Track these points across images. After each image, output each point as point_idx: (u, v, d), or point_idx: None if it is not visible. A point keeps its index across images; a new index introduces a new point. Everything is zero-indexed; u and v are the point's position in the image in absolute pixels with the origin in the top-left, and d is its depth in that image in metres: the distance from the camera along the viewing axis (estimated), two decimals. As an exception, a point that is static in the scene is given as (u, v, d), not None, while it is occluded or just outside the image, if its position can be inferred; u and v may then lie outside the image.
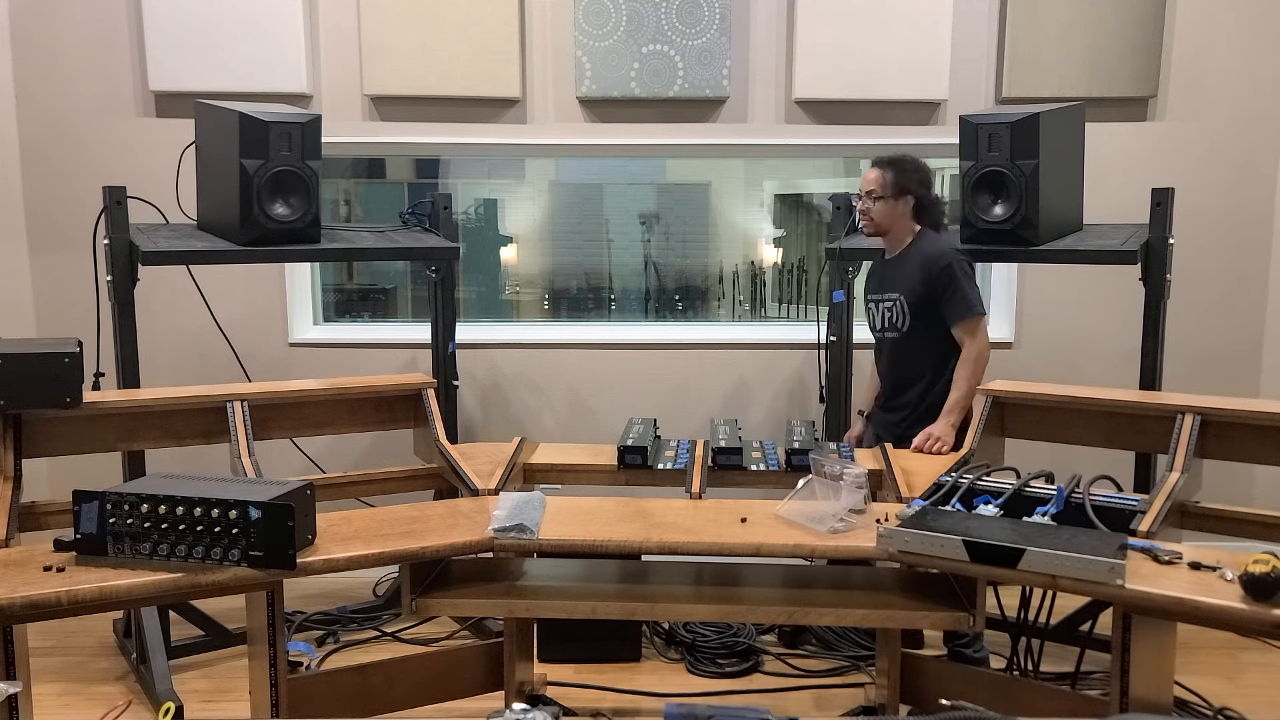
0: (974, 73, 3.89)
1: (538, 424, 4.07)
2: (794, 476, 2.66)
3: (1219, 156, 3.90)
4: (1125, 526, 2.26)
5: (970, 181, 3.14)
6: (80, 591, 1.94)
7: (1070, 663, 2.82)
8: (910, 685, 2.64)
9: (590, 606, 2.34)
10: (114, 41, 3.86)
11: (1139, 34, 3.80)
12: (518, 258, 4.61)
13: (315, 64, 3.88)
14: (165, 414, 2.88)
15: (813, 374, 3.76)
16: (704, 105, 3.93)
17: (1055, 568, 1.97)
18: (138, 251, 3.01)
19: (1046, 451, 2.81)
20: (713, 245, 4.53)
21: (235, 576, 2.04)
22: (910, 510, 2.26)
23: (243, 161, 3.02)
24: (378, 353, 4.07)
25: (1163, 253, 3.09)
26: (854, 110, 3.91)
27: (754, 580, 2.45)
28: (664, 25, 3.83)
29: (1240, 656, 3.11)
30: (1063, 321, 4.00)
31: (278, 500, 2.03)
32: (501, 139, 3.96)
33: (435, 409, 3.11)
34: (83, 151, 3.89)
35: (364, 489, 3.27)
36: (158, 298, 3.53)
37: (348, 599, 3.64)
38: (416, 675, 2.61)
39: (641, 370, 4.08)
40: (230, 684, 3.09)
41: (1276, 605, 1.82)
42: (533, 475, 2.98)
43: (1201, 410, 2.60)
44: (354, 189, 4.65)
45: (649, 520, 2.37)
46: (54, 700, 2.97)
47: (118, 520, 2.04)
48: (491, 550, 2.27)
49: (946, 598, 2.33)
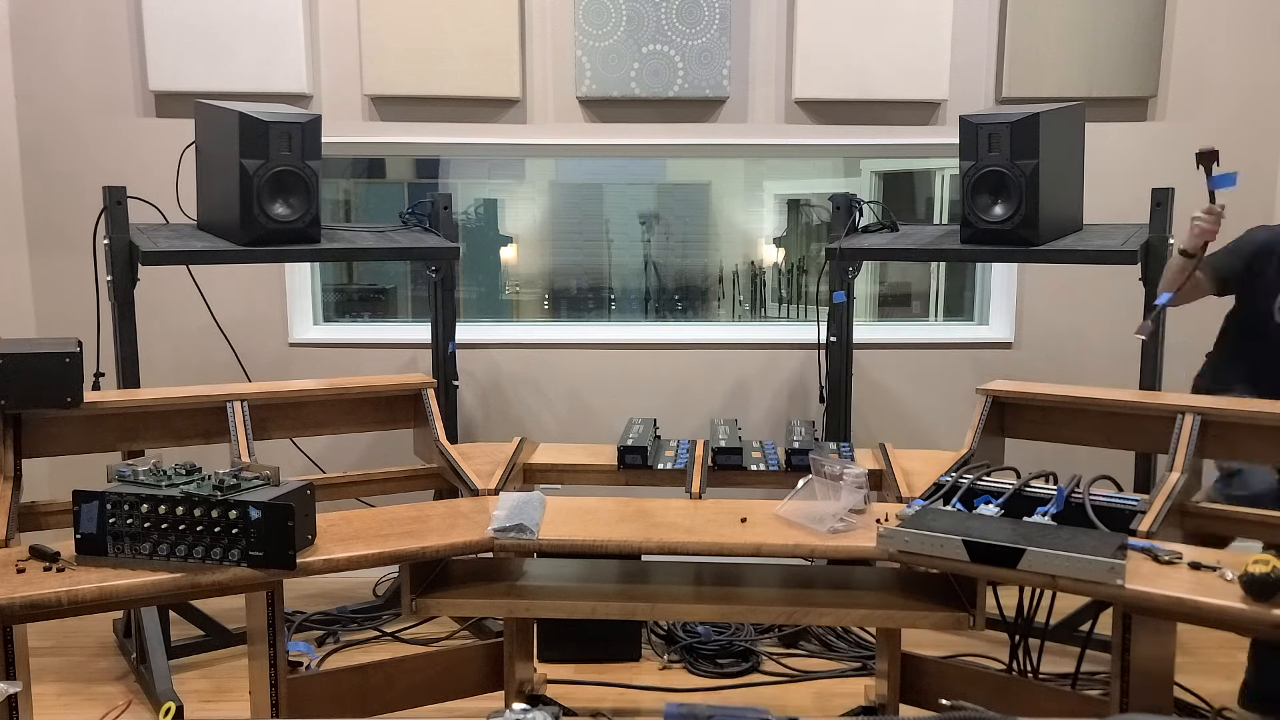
0: (974, 73, 3.89)
1: (538, 424, 4.07)
2: (794, 476, 2.66)
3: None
4: (1125, 526, 2.26)
5: (970, 181, 3.14)
6: (80, 591, 1.94)
7: (1070, 663, 2.82)
8: (910, 685, 2.65)
9: (590, 606, 2.34)
10: (114, 41, 3.86)
11: (1139, 34, 3.80)
12: (518, 258, 4.60)
13: (315, 64, 3.88)
14: (165, 414, 2.88)
15: (813, 374, 3.76)
16: (704, 105, 3.93)
17: (1055, 568, 1.97)
18: (138, 251, 3.01)
19: (1046, 451, 2.81)
20: (713, 245, 4.53)
21: (235, 576, 2.04)
22: (910, 510, 2.26)
23: (243, 161, 3.02)
24: (378, 353, 4.07)
25: (1163, 253, 3.09)
26: (854, 110, 3.91)
27: (754, 580, 2.45)
28: (664, 25, 3.83)
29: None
30: (1063, 321, 4.00)
31: (278, 500, 2.03)
32: (501, 139, 3.96)
33: (435, 409, 3.11)
34: (83, 151, 3.90)
35: (364, 489, 3.27)
36: (158, 298, 3.53)
37: (348, 599, 3.64)
38: (416, 675, 2.61)
39: (641, 370, 4.08)
40: (230, 684, 3.09)
41: (1276, 605, 1.82)
42: (533, 475, 2.98)
43: (1201, 410, 2.60)
44: (354, 189, 4.64)
45: (649, 520, 2.37)
46: (54, 700, 2.97)
47: (118, 520, 2.04)
48: (491, 550, 2.27)
49: (946, 598, 2.33)
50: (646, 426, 3.16)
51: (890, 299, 4.68)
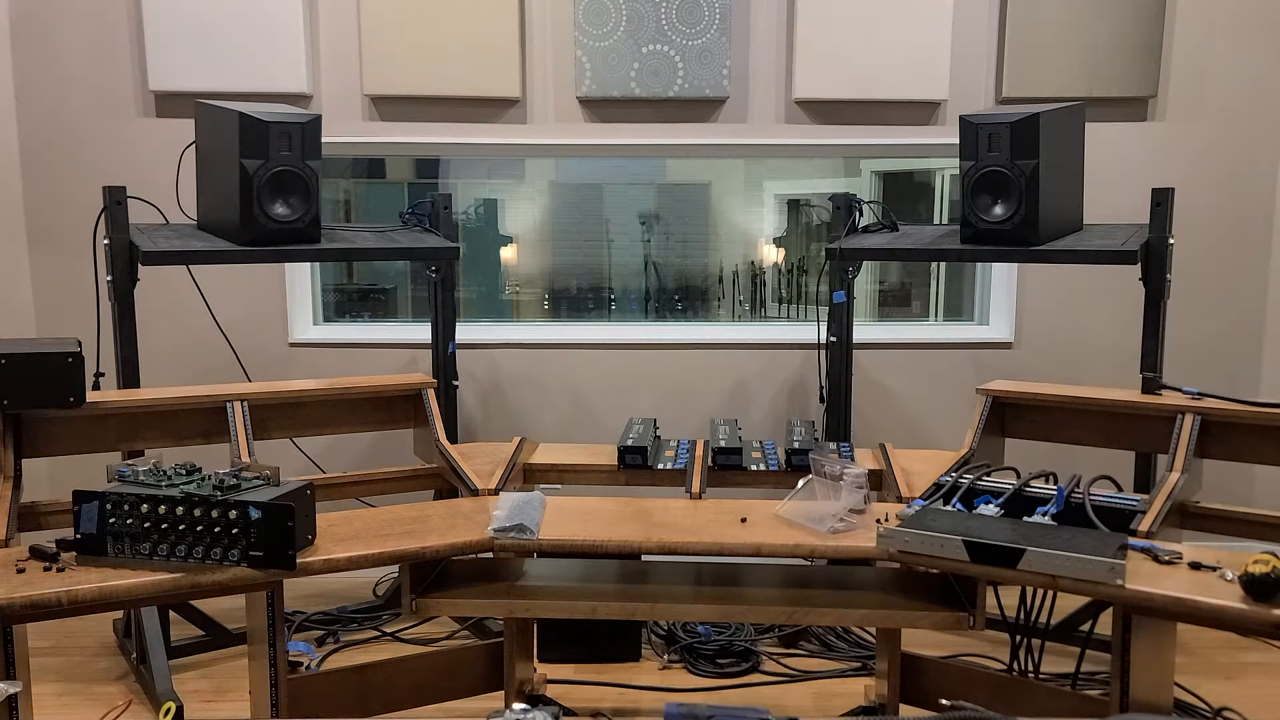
0: (974, 73, 3.89)
1: (538, 424, 4.08)
2: (794, 476, 2.67)
3: (1219, 156, 3.90)
4: (1125, 526, 2.26)
5: (970, 181, 3.14)
6: (80, 591, 1.94)
7: (1070, 663, 2.82)
8: (910, 685, 2.65)
9: (590, 606, 2.34)
10: (114, 41, 3.86)
11: (1139, 34, 3.80)
12: (518, 258, 4.60)
13: (315, 64, 3.88)
14: (165, 414, 2.88)
15: (813, 374, 3.76)
16: (704, 105, 3.93)
17: (1055, 568, 1.97)
18: (138, 251, 3.01)
19: (1046, 451, 2.81)
20: (713, 245, 4.53)
21: (235, 576, 2.04)
22: (910, 510, 2.26)
23: (243, 161, 3.02)
24: (378, 353, 4.07)
25: (1163, 253, 3.09)
26: (854, 110, 3.91)
27: (754, 580, 2.45)
28: (664, 25, 3.83)
29: (1240, 656, 3.11)
30: (1063, 321, 4.00)
31: (278, 500, 2.03)
32: (501, 139, 3.96)
33: (435, 409, 3.11)
34: (83, 151, 3.90)
35: (364, 489, 3.27)
36: (158, 298, 3.53)
37: (348, 599, 3.64)
38: (416, 675, 2.61)
39: (641, 370, 4.08)
40: (230, 684, 3.09)
41: (1276, 605, 1.82)
42: (533, 475, 2.98)
43: (1201, 410, 2.60)
44: (354, 189, 4.64)
45: (649, 520, 2.37)
46: (54, 700, 2.97)
47: (118, 520, 2.04)
48: (491, 550, 2.27)
49: (946, 598, 2.33)
50: (646, 426, 3.17)
51: (890, 299, 4.68)
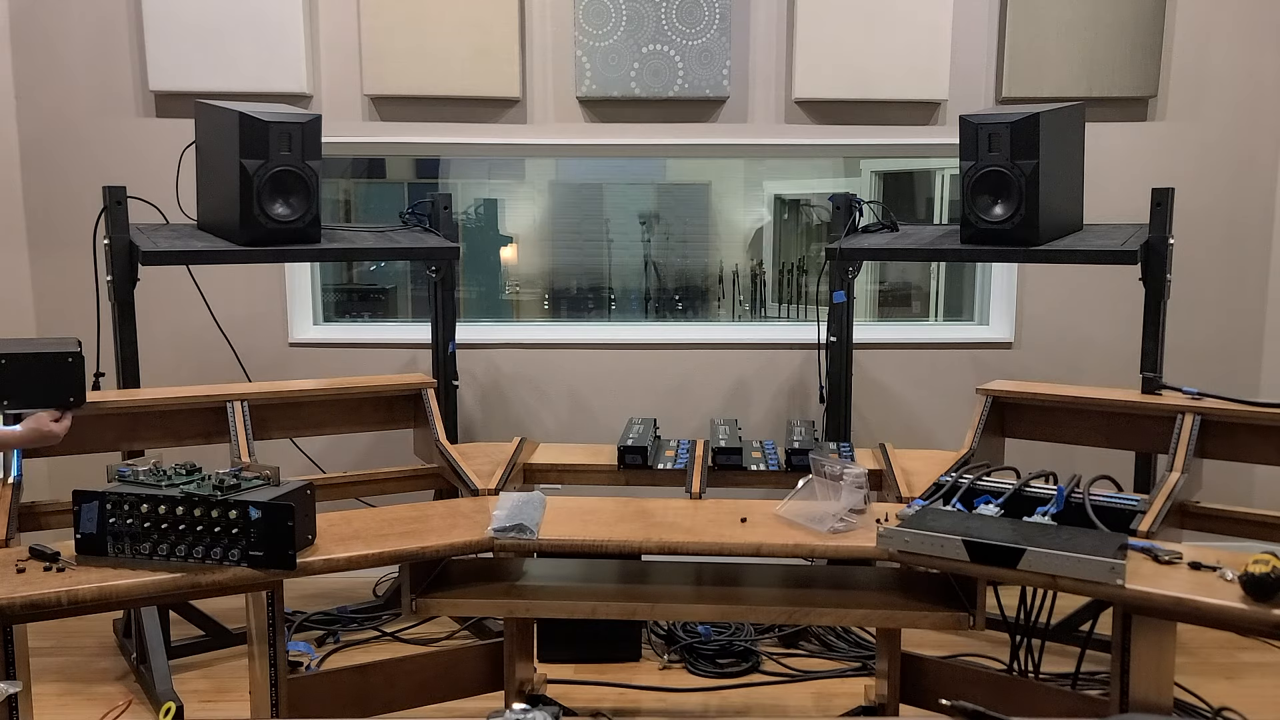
0: (974, 73, 3.89)
1: (538, 424, 4.07)
2: (794, 476, 2.66)
3: (1219, 156, 3.90)
4: (1125, 526, 2.26)
5: (970, 181, 3.14)
6: (80, 591, 1.94)
7: (1070, 663, 2.82)
8: (910, 685, 2.64)
9: (590, 606, 2.34)
10: (114, 41, 3.86)
11: (1139, 34, 3.80)
12: (518, 258, 4.60)
13: (315, 64, 3.88)
14: (165, 414, 2.89)
15: (813, 374, 3.76)
16: (704, 105, 3.93)
17: (1055, 568, 1.98)
18: (138, 251, 3.01)
19: (1046, 451, 2.81)
20: (713, 245, 4.53)
21: (235, 576, 2.04)
22: (910, 510, 2.26)
23: (243, 161, 3.02)
24: (378, 353, 4.07)
25: (1163, 253, 3.09)
26: (854, 110, 3.91)
27: (754, 580, 2.45)
28: (664, 25, 3.83)
29: (1240, 656, 3.11)
30: (1063, 321, 4.00)
31: (278, 500, 2.04)
32: (501, 139, 3.96)
33: (435, 409, 3.11)
34: (83, 151, 3.89)
35: (364, 489, 3.27)
36: (158, 298, 3.53)
37: (348, 599, 3.64)
38: (416, 675, 2.61)
39: (641, 370, 4.08)
40: (230, 684, 3.09)
41: (1276, 605, 1.82)
42: (533, 475, 2.98)
43: (1201, 410, 2.60)
44: (354, 189, 4.64)
45: (649, 520, 2.37)
46: (54, 700, 2.97)
47: (118, 520, 2.04)
48: (491, 550, 2.27)
49: (946, 598, 2.33)
50: (646, 426, 3.16)
51: (890, 299, 4.68)
